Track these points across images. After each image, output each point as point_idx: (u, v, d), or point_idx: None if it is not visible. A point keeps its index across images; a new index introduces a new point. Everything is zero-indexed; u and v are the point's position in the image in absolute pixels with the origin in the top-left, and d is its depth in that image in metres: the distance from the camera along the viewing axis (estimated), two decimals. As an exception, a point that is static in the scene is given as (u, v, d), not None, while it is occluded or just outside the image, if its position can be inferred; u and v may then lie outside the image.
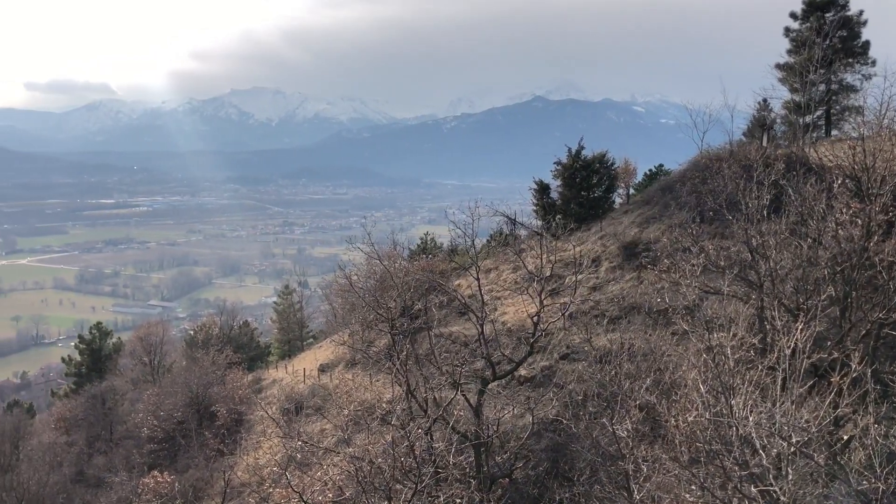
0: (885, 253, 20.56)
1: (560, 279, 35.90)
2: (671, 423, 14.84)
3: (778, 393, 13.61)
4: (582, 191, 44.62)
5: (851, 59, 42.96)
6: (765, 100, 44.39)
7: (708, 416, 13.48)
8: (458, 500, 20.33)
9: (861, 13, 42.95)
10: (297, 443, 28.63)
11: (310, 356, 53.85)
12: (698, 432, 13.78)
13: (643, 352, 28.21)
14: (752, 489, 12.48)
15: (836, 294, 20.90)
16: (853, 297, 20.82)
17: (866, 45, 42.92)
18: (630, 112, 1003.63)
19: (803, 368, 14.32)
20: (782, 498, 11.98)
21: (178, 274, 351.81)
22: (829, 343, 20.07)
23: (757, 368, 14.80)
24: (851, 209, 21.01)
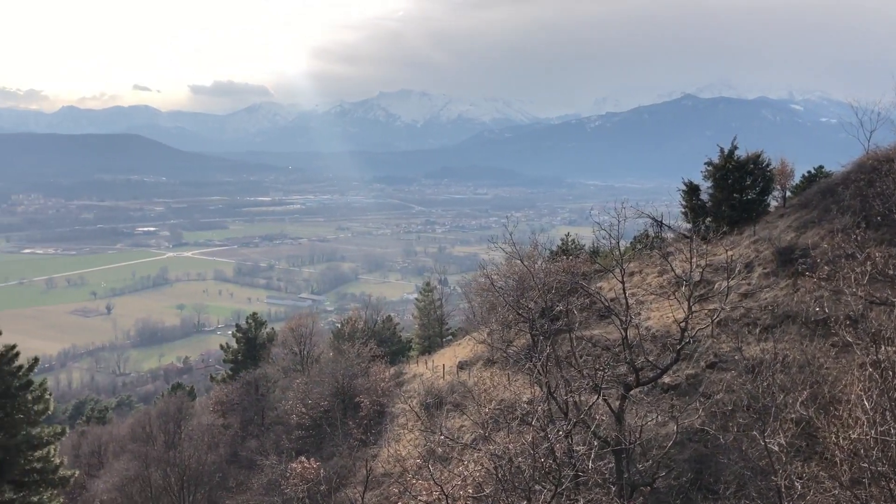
0: None
1: (709, 284, 34.63)
2: (831, 440, 14.11)
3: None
4: (734, 193, 42.91)
5: None
6: (945, 95, 40.71)
7: (874, 435, 12.71)
8: (599, 506, 20.14)
9: None
10: (439, 437, 29.19)
11: (449, 353, 54.89)
12: (862, 451, 13.03)
13: (799, 363, 27.01)
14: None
15: None
16: None
17: None
18: (787, 110, 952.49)
19: None
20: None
21: (327, 269, 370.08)
22: None
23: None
24: None
